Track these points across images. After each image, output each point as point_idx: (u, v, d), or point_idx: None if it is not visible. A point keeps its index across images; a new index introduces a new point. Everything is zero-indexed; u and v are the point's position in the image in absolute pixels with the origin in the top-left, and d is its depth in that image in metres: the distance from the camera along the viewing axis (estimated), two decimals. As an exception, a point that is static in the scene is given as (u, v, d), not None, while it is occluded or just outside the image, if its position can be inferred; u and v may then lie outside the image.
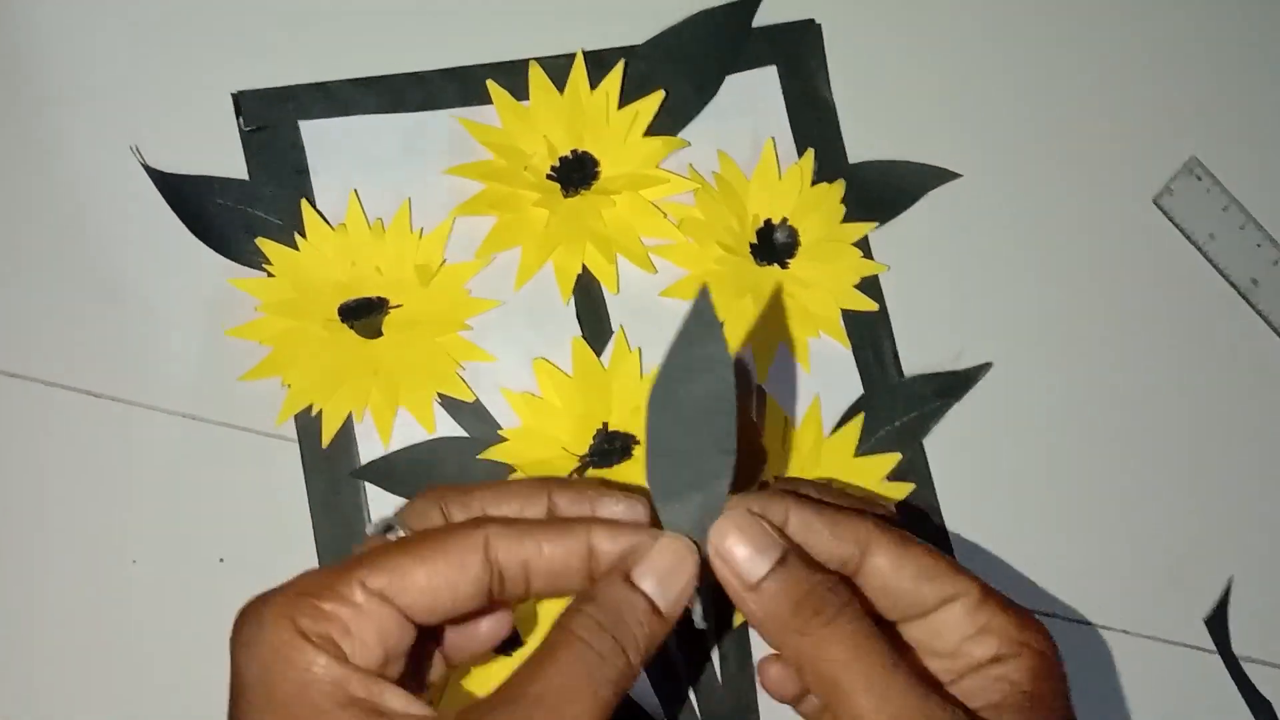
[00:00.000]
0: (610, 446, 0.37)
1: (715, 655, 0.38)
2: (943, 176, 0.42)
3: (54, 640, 0.37)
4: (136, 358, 0.38)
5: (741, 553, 0.25)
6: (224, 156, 0.38)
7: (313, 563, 0.37)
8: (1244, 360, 0.41)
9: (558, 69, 0.39)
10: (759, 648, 0.38)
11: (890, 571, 0.26)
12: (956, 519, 0.40)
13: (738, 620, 0.38)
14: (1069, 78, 0.42)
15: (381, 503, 0.37)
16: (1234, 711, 0.40)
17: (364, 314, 0.36)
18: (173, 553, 0.37)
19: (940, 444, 0.40)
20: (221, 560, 0.37)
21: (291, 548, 0.37)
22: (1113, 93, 0.42)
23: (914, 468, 0.40)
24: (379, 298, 0.37)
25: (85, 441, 0.37)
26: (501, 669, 0.33)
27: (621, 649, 0.24)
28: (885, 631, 0.25)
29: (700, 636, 0.38)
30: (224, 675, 0.34)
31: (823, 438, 0.39)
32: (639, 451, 0.38)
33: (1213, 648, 0.40)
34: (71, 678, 0.37)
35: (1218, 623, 0.40)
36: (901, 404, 0.40)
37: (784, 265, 0.40)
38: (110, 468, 0.37)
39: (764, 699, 0.38)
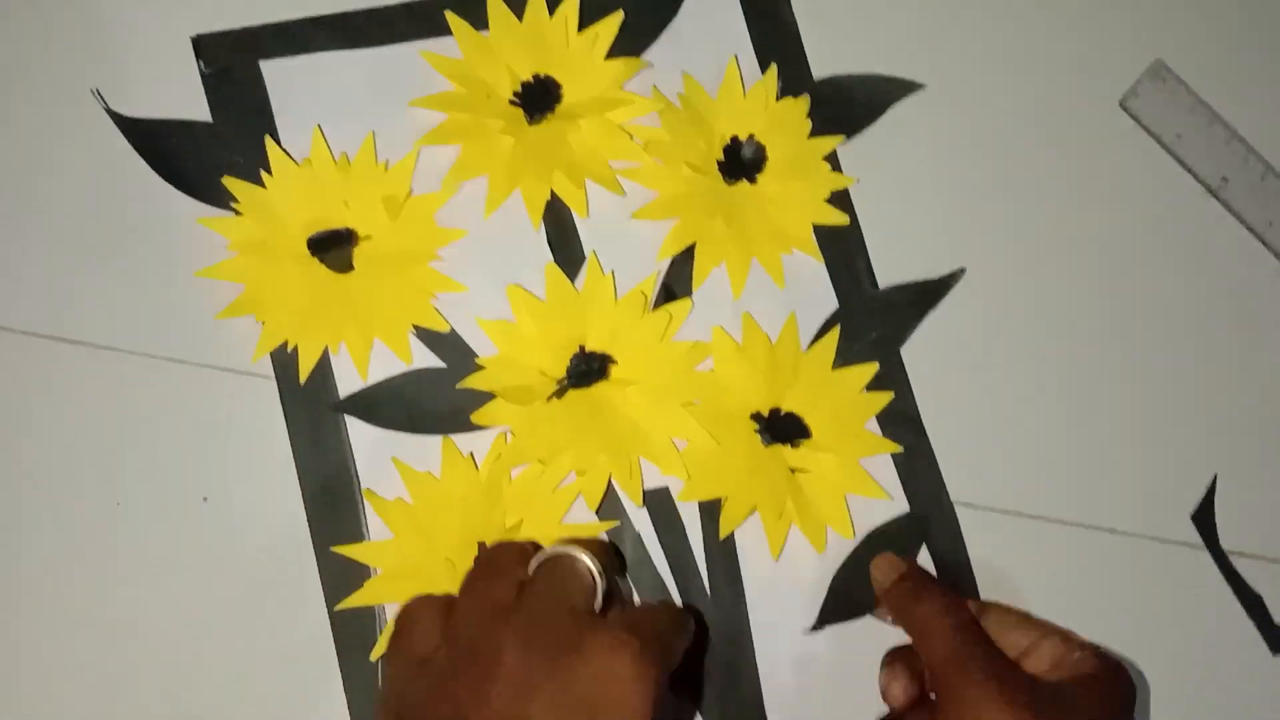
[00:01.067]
0: (588, 367, 0.37)
1: (704, 572, 0.38)
2: (907, 88, 0.42)
3: (40, 585, 0.37)
4: (111, 302, 0.38)
5: (880, 569, 0.37)
6: (187, 100, 0.38)
7: (296, 500, 0.37)
8: (1218, 258, 0.41)
9: (515, -3, 0.39)
10: (746, 565, 0.38)
11: (998, 621, 0.36)
12: (936, 425, 0.40)
13: (724, 531, 0.38)
14: None
15: (362, 436, 0.37)
16: (1226, 607, 0.40)
17: (333, 246, 0.36)
18: (158, 493, 0.37)
19: (918, 352, 0.40)
20: (206, 500, 0.37)
21: (274, 485, 0.37)
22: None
23: (892, 377, 0.40)
24: (347, 229, 0.37)
25: (66, 387, 0.37)
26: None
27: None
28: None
29: (688, 556, 0.38)
30: (210, 614, 0.35)
31: (800, 352, 0.39)
32: (616, 371, 0.38)
33: (1201, 543, 0.40)
34: (58, 621, 0.37)
35: (1204, 518, 0.40)
36: (877, 315, 0.40)
37: (752, 181, 0.40)
38: (91, 412, 0.37)
39: (755, 615, 0.38)
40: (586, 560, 0.32)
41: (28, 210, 0.38)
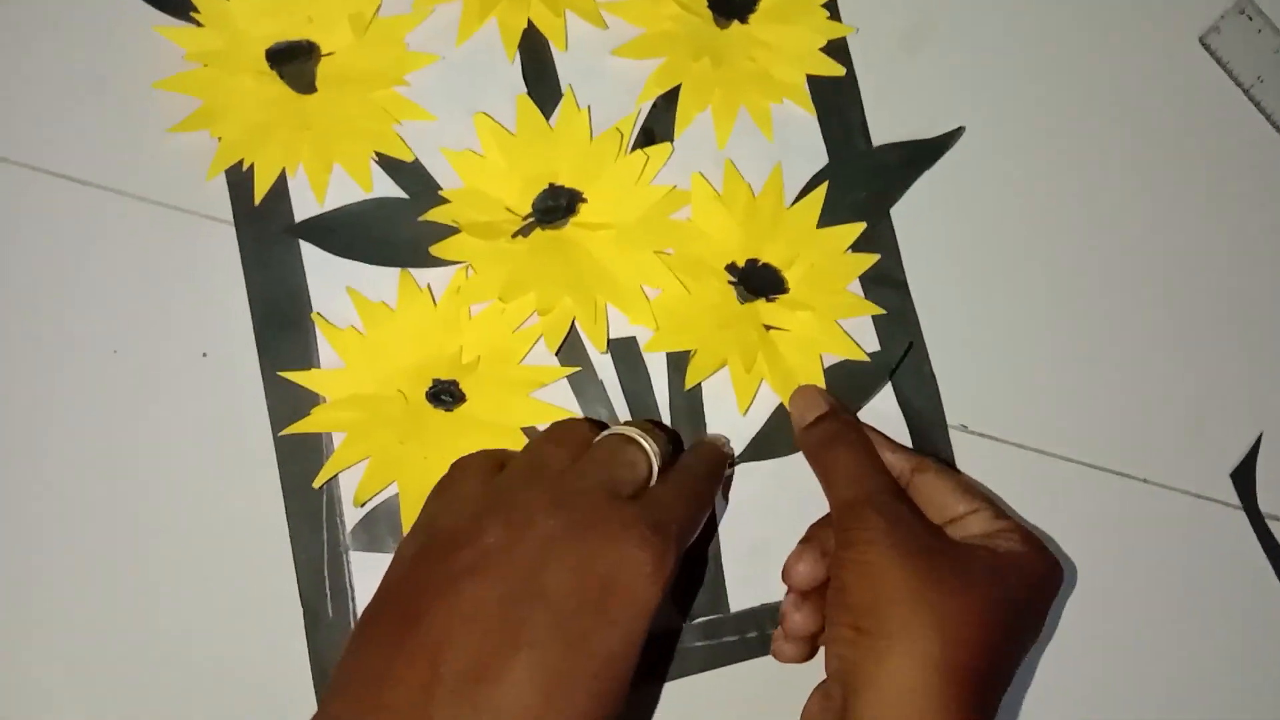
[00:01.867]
0: (555, 203, 0.36)
1: (668, 424, 0.37)
2: (918, -65, 0.39)
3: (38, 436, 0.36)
4: (58, 115, 0.36)
5: (798, 406, 0.36)
6: (150, -96, 0.36)
7: (246, 325, 0.36)
8: None
9: None
10: (711, 419, 0.37)
11: (931, 483, 0.33)
12: (924, 293, 0.38)
13: (690, 382, 0.36)
14: None
15: (317, 263, 0.36)
16: (1256, 568, 0.38)
17: (293, 58, 0.35)
18: (105, 321, 0.36)
19: (909, 214, 0.38)
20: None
21: (222, 310, 0.36)
22: None
23: (879, 238, 0.38)
24: (308, 41, 0.35)
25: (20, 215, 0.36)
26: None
27: None
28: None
29: (652, 407, 0.37)
30: (150, 438, 0.33)
31: (784, 207, 0.37)
32: (586, 212, 0.36)
33: (1238, 503, 0.38)
34: (55, 471, 0.35)
35: (1244, 477, 0.38)
36: (868, 174, 0.38)
37: (744, 22, 0.38)
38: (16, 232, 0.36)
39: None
40: (647, 450, 0.32)
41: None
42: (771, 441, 0.37)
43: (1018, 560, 0.31)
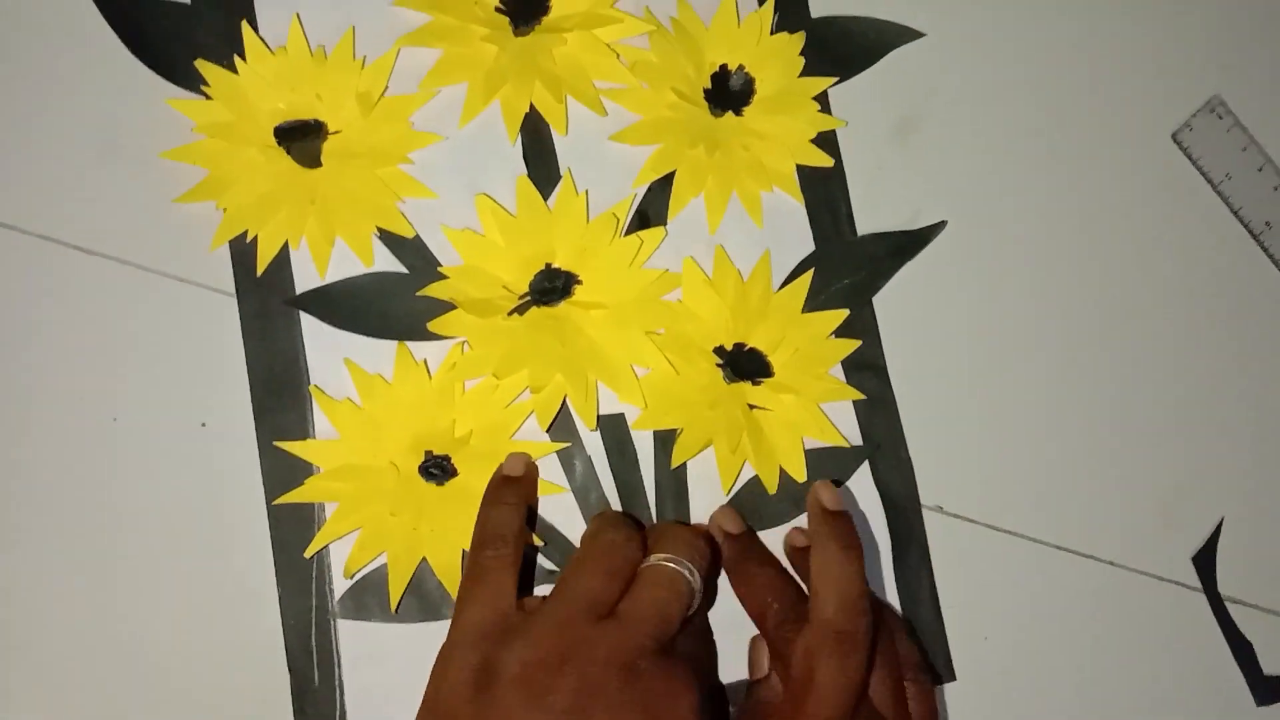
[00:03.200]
0: (551, 284, 0.37)
1: (653, 503, 0.38)
2: (907, 35, 0.41)
3: (36, 496, 0.36)
4: (66, 185, 0.37)
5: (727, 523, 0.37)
6: (165, -23, 0.37)
7: (244, 394, 0.36)
8: (1249, 301, 0.40)
9: (512, -99, 0.38)
10: (695, 498, 0.38)
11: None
12: (903, 379, 0.39)
13: (675, 461, 0.37)
14: (1106, 6, 0.41)
15: (316, 334, 0.37)
16: (1215, 650, 0.39)
17: (301, 136, 0.36)
18: (103, 391, 0.36)
19: (891, 303, 0.39)
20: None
21: (221, 378, 0.36)
22: (1143, 23, 0.41)
23: (862, 324, 0.39)
24: (316, 120, 0.36)
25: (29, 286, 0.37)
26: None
27: None
28: None
29: (638, 484, 0.38)
30: (145, 501, 0.33)
31: (771, 292, 0.39)
32: (580, 293, 0.37)
33: (1199, 586, 0.39)
34: (53, 534, 0.36)
35: (1205, 561, 0.39)
36: (853, 261, 0.39)
37: (738, 113, 0.39)
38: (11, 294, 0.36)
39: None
40: (693, 583, 0.33)
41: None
42: (744, 512, 0.38)
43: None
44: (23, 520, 0.35)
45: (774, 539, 0.38)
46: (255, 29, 0.37)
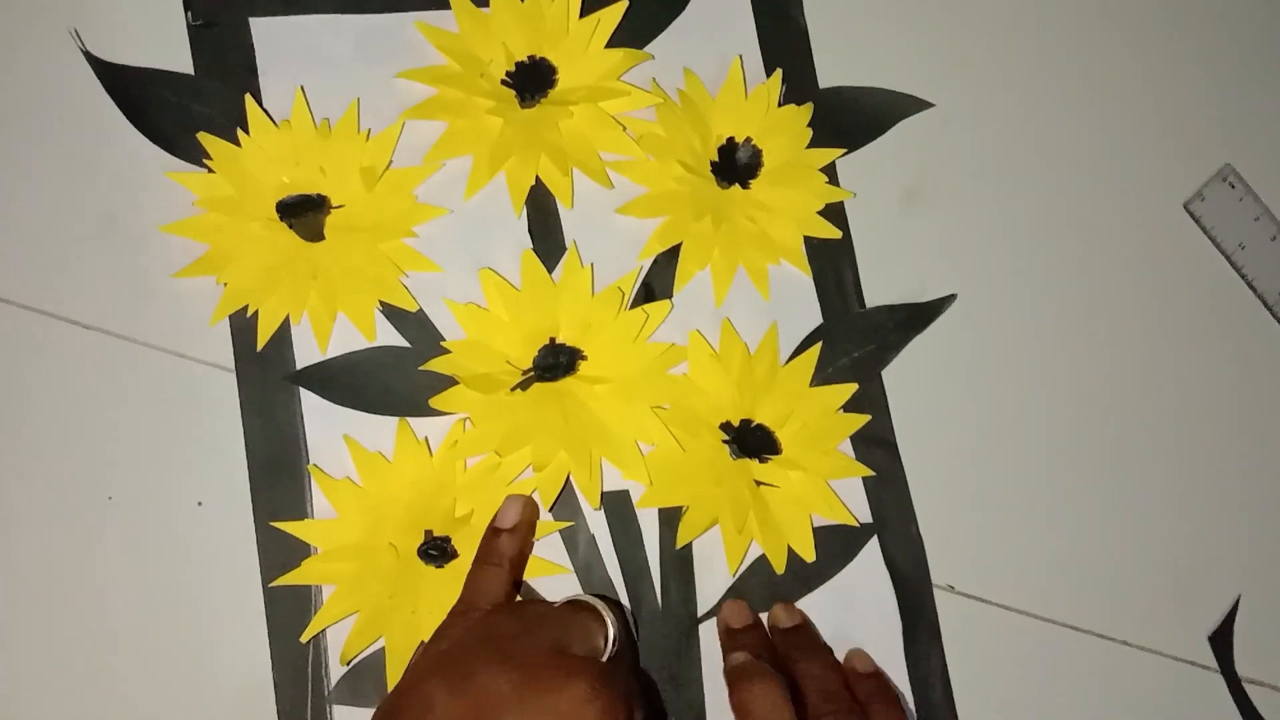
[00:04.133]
0: (555, 360, 0.36)
1: (657, 583, 0.37)
2: (915, 105, 0.40)
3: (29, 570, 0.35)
4: (65, 260, 0.36)
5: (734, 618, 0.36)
6: (169, 50, 0.37)
7: (241, 471, 0.35)
8: (1263, 372, 0.40)
9: (519, -26, 0.38)
10: (700, 577, 0.37)
11: None
12: (913, 454, 0.38)
13: (681, 541, 0.36)
14: (1116, 76, 0.41)
15: (316, 410, 0.36)
16: None
17: (304, 211, 0.35)
18: (99, 465, 0.36)
19: (899, 376, 0.39)
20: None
21: (219, 455, 0.36)
22: (1153, 92, 0.41)
23: (870, 398, 0.38)
24: (319, 195, 0.36)
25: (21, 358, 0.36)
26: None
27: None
28: None
29: (642, 563, 0.37)
30: (140, 583, 0.33)
31: (778, 365, 0.38)
32: (585, 368, 0.37)
33: (1216, 666, 0.38)
34: (45, 612, 0.35)
35: (1222, 641, 0.38)
36: (860, 335, 0.39)
37: (745, 186, 0.39)
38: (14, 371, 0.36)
39: (705, 626, 0.37)
40: (606, 621, 0.32)
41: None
42: (744, 596, 0.37)
43: None
44: (14, 597, 0.35)
45: (781, 620, 0.37)
46: (259, 101, 0.37)
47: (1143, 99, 0.41)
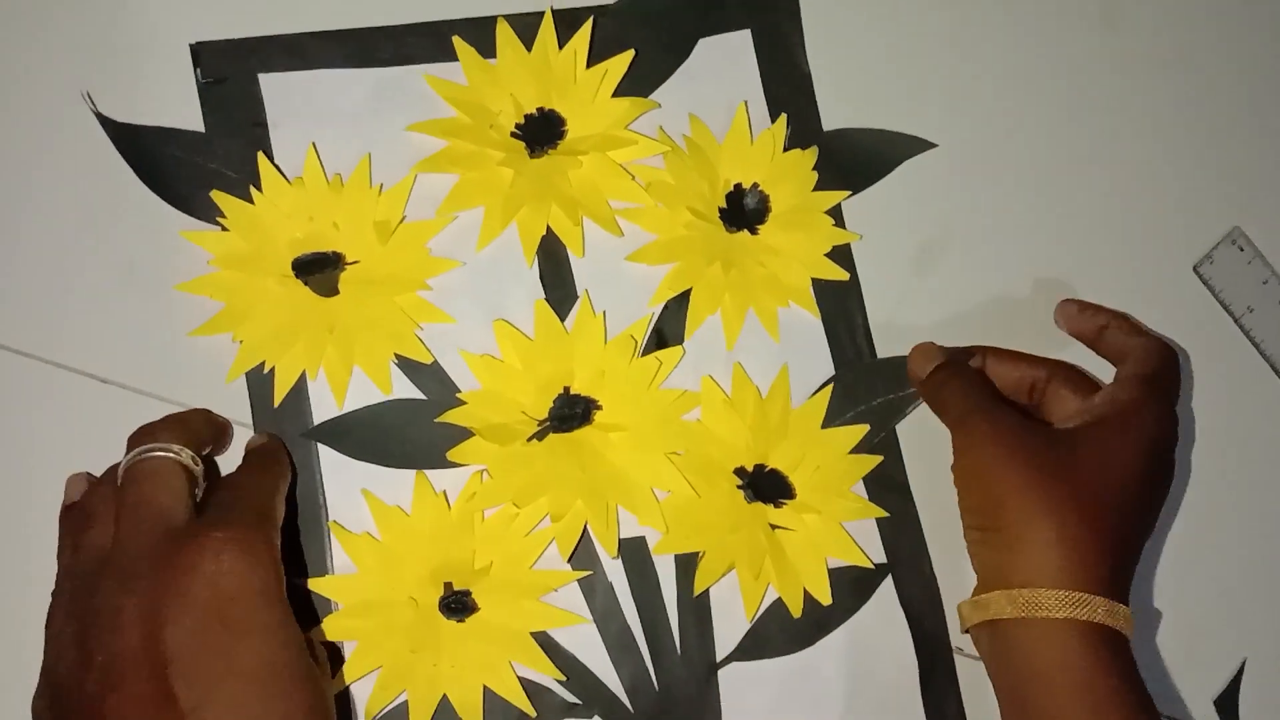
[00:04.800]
0: (571, 411, 0.36)
1: (676, 629, 0.37)
2: (918, 146, 0.41)
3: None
4: (84, 315, 0.37)
5: (915, 362, 0.38)
6: (180, 108, 0.37)
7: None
8: (1271, 435, 0.40)
9: (526, 26, 0.38)
10: (719, 622, 0.37)
11: (1056, 390, 0.37)
12: (926, 495, 0.39)
13: (699, 588, 0.37)
14: (1126, 137, 0.41)
15: (334, 465, 0.36)
16: None
17: (319, 269, 0.35)
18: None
19: (911, 417, 0.39)
20: None
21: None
22: (1163, 154, 0.41)
23: (882, 440, 0.39)
24: (335, 252, 0.36)
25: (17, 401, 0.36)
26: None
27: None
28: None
29: (660, 610, 0.37)
30: None
31: (790, 408, 0.38)
32: (599, 416, 0.37)
33: None
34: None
35: (1228, 704, 0.39)
36: (877, 386, 0.39)
37: (754, 231, 0.39)
38: (41, 427, 0.36)
39: (725, 672, 0.37)
40: (173, 456, 0.31)
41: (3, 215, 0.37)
42: (761, 641, 0.37)
43: (1122, 422, 0.34)
44: (26, 660, 0.34)
45: (800, 663, 0.37)
46: (270, 156, 0.37)
47: (1153, 160, 0.41)
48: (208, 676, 0.27)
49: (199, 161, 0.37)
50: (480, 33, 0.38)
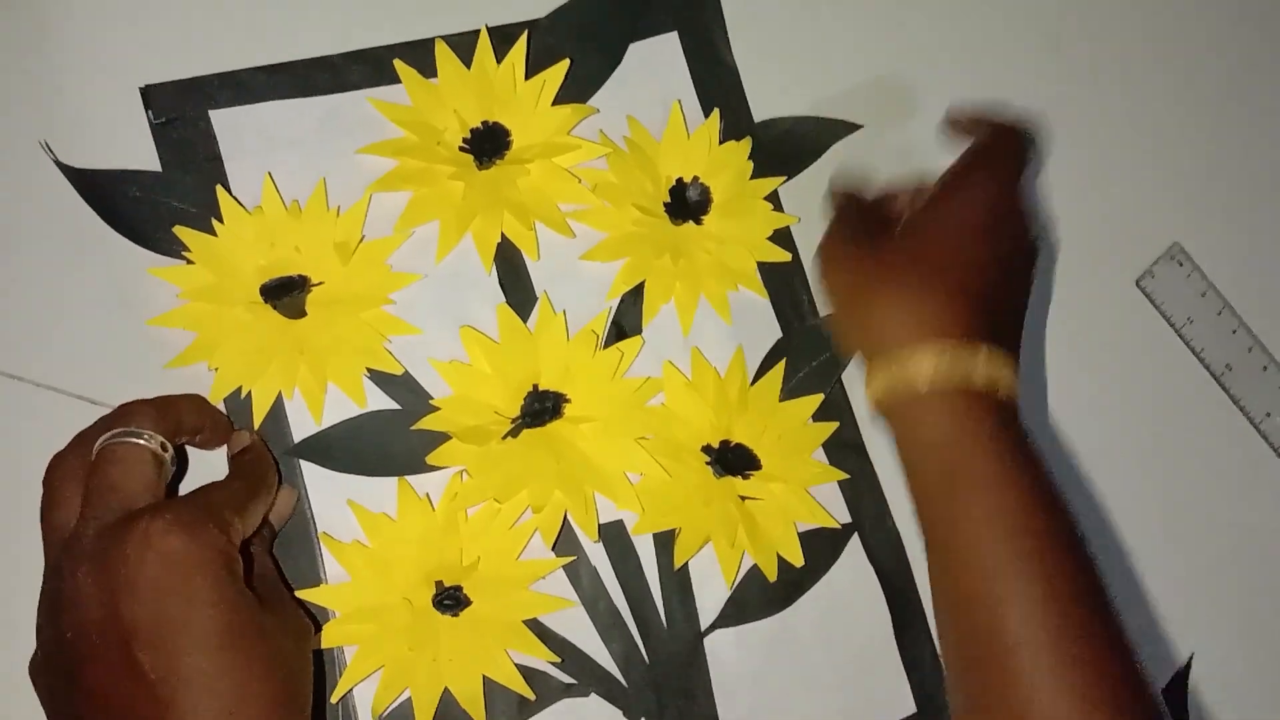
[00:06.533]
0: (541, 406, 0.38)
1: (660, 603, 0.39)
2: (845, 129, 0.43)
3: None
4: (60, 355, 0.37)
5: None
6: (135, 149, 0.38)
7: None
8: (1214, 442, 0.43)
9: (463, 45, 0.40)
10: (700, 592, 0.39)
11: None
12: (883, 453, 0.41)
13: (679, 561, 0.39)
14: (1073, 158, 0.43)
15: (318, 479, 0.38)
16: None
17: (286, 293, 0.37)
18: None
19: (861, 382, 0.41)
20: None
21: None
22: (1107, 173, 0.43)
23: (836, 406, 0.41)
24: (299, 276, 0.37)
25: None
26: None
27: None
28: None
29: (644, 588, 0.39)
30: None
31: (748, 385, 0.41)
32: (569, 409, 0.39)
33: None
34: None
35: (1175, 695, 0.40)
36: (817, 343, 0.41)
37: (698, 222, 0.41)
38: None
39: (710, 640, 0.39)
40: (143, 443, 0.32)
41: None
42: (742, 606, 0.39)
43: (951, 190, 0.36)
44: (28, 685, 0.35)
45: (780, 624, 0.39)
46: (227, 188, 0.38)
47: (1095, 179, 0.43)
48: (169, 647, 0.29)
49: (158, 199, 0.38)
50: (419, 55, 0.40)
